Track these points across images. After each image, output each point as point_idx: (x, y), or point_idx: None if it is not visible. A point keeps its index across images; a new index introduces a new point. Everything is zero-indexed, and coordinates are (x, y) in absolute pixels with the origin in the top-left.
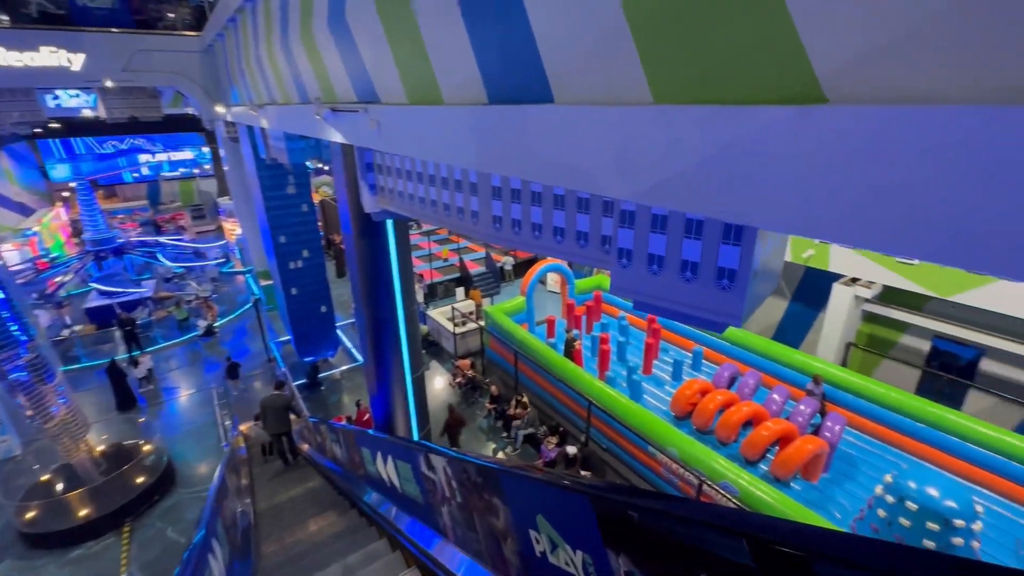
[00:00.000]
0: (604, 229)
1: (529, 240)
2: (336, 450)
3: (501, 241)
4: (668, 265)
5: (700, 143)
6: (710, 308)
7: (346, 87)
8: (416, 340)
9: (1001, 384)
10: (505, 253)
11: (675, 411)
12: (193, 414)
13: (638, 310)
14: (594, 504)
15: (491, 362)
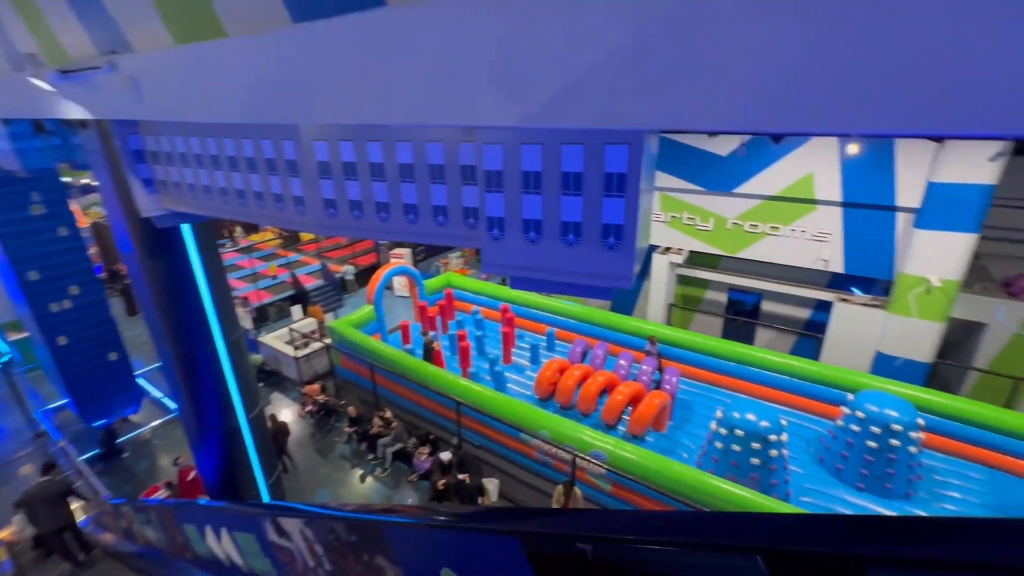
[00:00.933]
0: (466, 199)
1: (374, 225)
2: (150, 534)
3: (338, 231)
4: (547, 230)
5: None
6: (597, 272)
7: (77, 35)
8: (247, 373)
9: (777, 319)
10: (344, 262)
11: (539, 394)
12: None
13: (516, 288)
14: (523, 542)
15: (344, 382)
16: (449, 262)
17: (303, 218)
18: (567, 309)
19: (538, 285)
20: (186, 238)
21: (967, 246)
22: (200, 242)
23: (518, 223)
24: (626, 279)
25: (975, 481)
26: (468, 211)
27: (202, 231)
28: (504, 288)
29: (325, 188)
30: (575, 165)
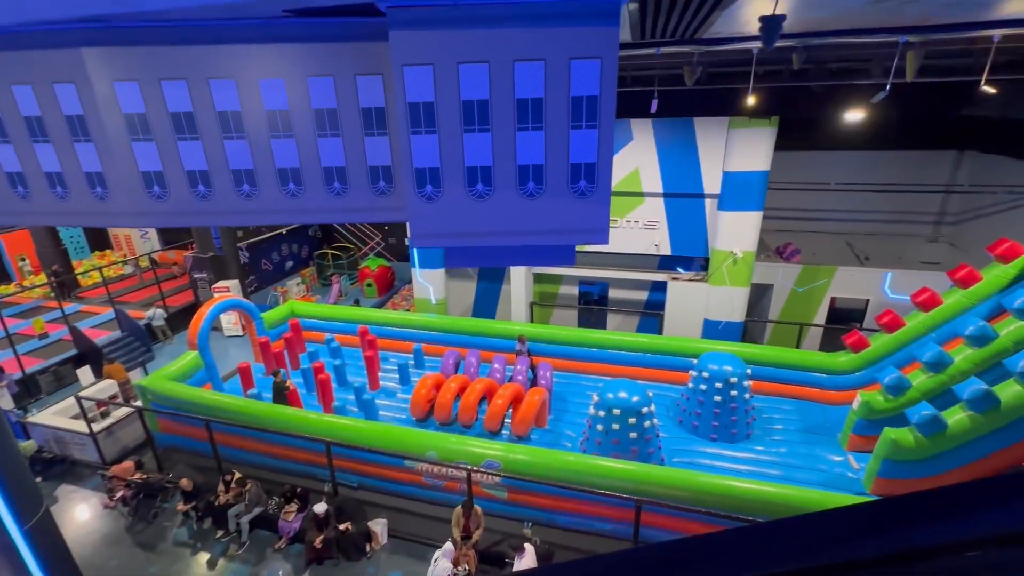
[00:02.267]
0: (373, 156)
1: (232, 205)
2: None
3: (170, 219)
4: (499, 179)
5: None
6: (564, 227)
7: None
8: (13, 463)
9: (622, 304)
10: (150, 305)
11: (415, 415)
12: None
13: (452, 265)
14: None
15: (169, 450)
16: (288, 290)
17: (106, 206)
18: (431, 322)
19: (484, 257)
20: None
21: (756, 222)
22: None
23: (459, 174)
24: (601, 231)
25: (788, 412)
26: (378, 172)
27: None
28: (359, 310)
29: (142, 155)
30: (533, 89)
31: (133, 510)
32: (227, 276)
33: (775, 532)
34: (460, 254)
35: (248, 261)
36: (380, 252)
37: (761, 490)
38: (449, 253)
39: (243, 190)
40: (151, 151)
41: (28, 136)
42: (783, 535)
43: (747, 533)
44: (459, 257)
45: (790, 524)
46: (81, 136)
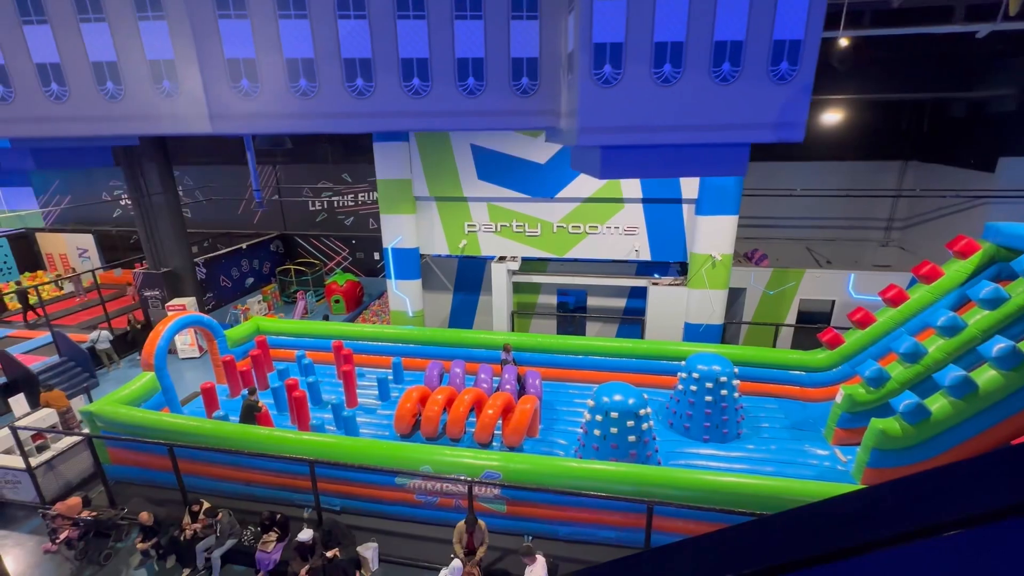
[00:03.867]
0: (519, 45)
1: (343, 104)
2: None
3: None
4: (691, 58)
5: None
6: (756, 120)
7: None
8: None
9: (601, 311)
10: (93, 327)
11: (400, 430)
12: None
13: (608, 175)
14: None
15: (122, 483)
16: (249, 308)
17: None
18: (409, 335)
19: (648, 163)
20: None
21: (733, 225)
22: None
23: (645, 50)
24: (796, 125)
25: (772, 411)
26: (521, 65)
27: None
28: (331, 324)
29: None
30: None
31: (81, 553)
32: (182, 293)
33: (819, 514)
34: (621, 158)
35: (205, 277)
36: (347, 267)
37: (772, 485)
38: (608, 157)
39: (355, 85)
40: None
41: None
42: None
43: (790, 518)
44: (618, 162)
45: (825, 507)
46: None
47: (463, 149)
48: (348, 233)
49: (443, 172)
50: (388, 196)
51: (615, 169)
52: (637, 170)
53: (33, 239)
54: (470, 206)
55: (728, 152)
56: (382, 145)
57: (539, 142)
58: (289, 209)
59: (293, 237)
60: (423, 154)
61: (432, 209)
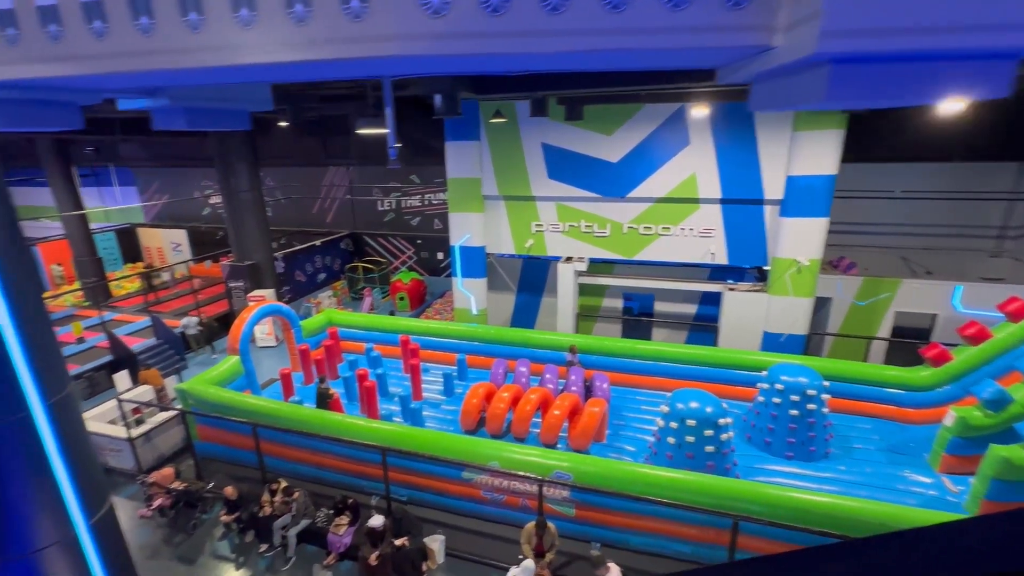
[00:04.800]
0: None
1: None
2: None
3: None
4: None
5: None
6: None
7: None
8: (84, 451)
9: (669, 317)
10: (185, 313)
11: (465, 425)
12: None
13: (833, 99)
14: None
15: (207, 459)
16: (321, 302)
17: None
18: (474, 332)
19: (896, 77)
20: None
21: (823, 229)
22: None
23: None
24: None
25: (866, 431)
26: None
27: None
28: (398, 319)
29: None
30: None
31: (172, 520)
32: (263, 285)
33: None
34: (853, 76)
35: (283, 271)
36: (412, 266)
37: (879, 511)
38: (838, 76)
39: (549, 1)
40: None
41: None
42: None
43: None
44: (850, 82)
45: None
46: None
47: (534, 148)
48: (413, 233)
49: (513, 171)
50: (458, 195)
51: (844, 90)
52: (869, 92)
53: (135, 234)
54: (538, 205)
55: (992, 66)
56: (454, 144)
57: (611, 141)
58: (360, 209)
59: (362, 236)
60: (494, 153)
61: (500, 208)
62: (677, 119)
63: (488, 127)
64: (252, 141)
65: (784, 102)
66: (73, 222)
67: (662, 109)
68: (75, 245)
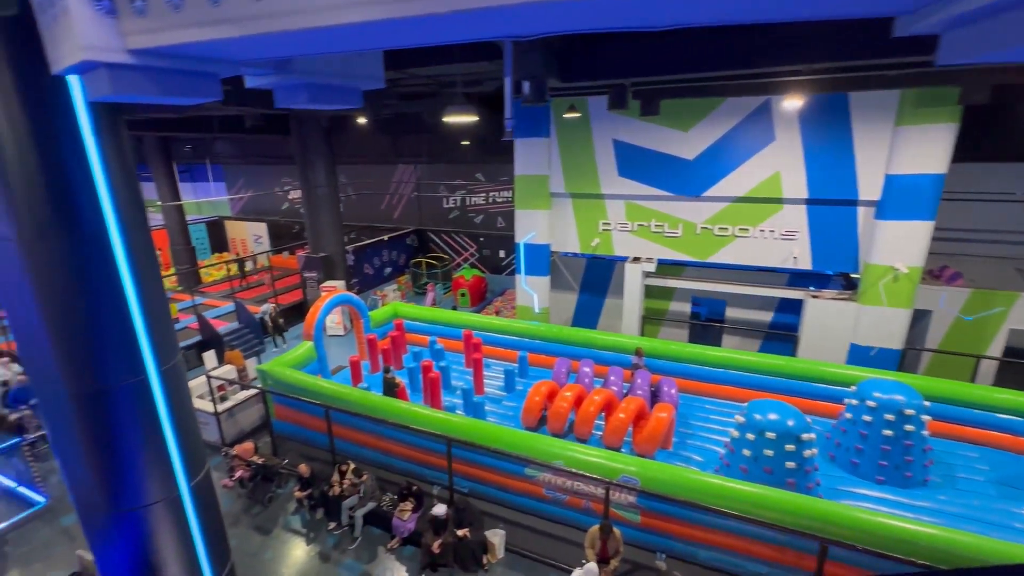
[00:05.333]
0: None
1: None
2: None
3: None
4: None
5: None
6: None
7: None
8: (189, 417)
9: (742, 324)
10: (263, 301)
11: (526, 422)
12: None
13: None
14: None
15: (281, 437)
16: (387, 294)
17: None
18: (537, 330)
19: None
20: (103, 204)
21: (926, 233)
22: (123, 213)
23: None
24: None
25: (972, 459)
26: None
27: (125, 191)
28: (461, 314)
29: None
30: None
31: (250, 492)
32: (334, 276)
33: None
34: None
35: (352, 264)
36: (474, 263)
37: (993, 547)
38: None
39: None
40: None
41: None
42: None
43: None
44: None
45: None
46: None
47: (605, 144)
48: (477, 231)
49: (582, 168)
50: (525, 192)
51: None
52: None
53: (222, 225)
54: (607, 204)
55: None
56: (523, 141)
57: (688, 137)
58: (425, 206)
59: (426, 232)
60: (563, 150)
61: (567, 206)
62: (762, 113)
63: (559, 124)
64: (330, 140)
65: (996, 45)
66: (172, 214)
67: (746, 102)
68: (172, 234)
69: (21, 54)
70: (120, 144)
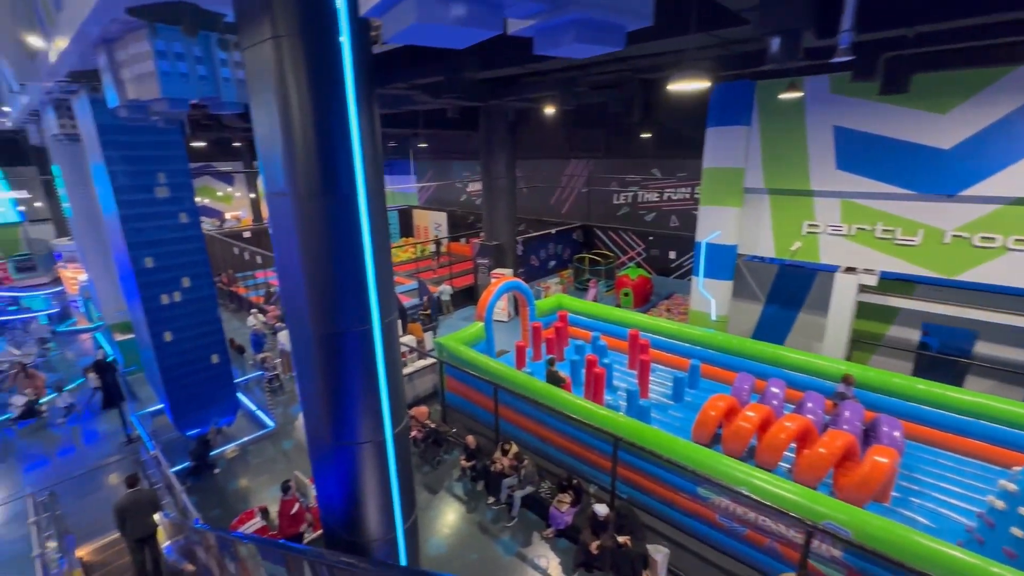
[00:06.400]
0: None
1: None
2: (232, 570)
3: None
4: None
5: None
6: None
7: None
8: (397, 370)
9: (1001, 363)
10: (439, 283)
11: (698, 437)
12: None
13: None
14: None
15: (450, 408)
16: (549, 287)
17: None
18: (713, 339)
19: None
20: (357, 174)
21: None
22: (369, 181)
23: None
24: None
25: None
26: None
27: (372, 161)
28: (628, 313)
29: None
30: None
31: (421, 453)
32: (503, 265)
33: None
34: None
35: (521, 255)
36: (640, 263)
37: None
38: None
39: None
40: None
41: None
42: None
43: None
44: None
45: None
46: None
47: (822, 132)
48: (646, 229)
49: (789, 160)
50: (713, 186)
51: None
52: None
53: (410, 213)
54: (815, 202)
55: None
56: (717, 131)
57: (945, 121)
58: (595, 201)
59: (593, 228)
60: (766, 140)
61: (763, 204)
62: None
63: (763, 110)
64: (513, 134)
65: None
66: None
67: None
68: None
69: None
70: (372, 117)
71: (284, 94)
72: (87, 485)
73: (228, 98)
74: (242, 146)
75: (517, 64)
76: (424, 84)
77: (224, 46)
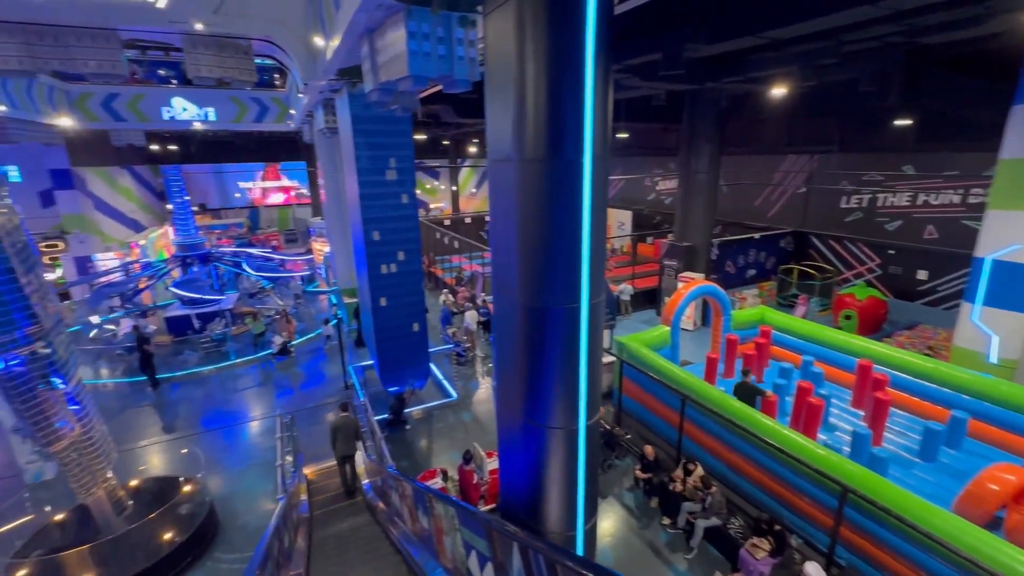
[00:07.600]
0: None
1: None
2: (424, 523)
3: None
4: None
5: None
6: None
7: None
8: (598, 356)
9: None
10: (619, 282)
11: (968, 511)
12: (252, 447)
13: None
14: None
15: (623, 412)
16: (746, 298)
17: None
18: (987, 387)
19: None
20: (585, 137)
21: None
22: (596, 148)
23: None
24: None
25: None
26: None
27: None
28: (855, 338)
29: None
30: None
31: None
32: (694, 268)
33: None
34: None
35: (716, 259)
36: (872, 281)
37: None
38: None
39: None
40: None
41: None
42: None
43: None
44: None
45: None
46: None
47: None
48: (887, 240)
49: None
50: (1013, 183)
51: None
52: None
53: None
54: None
55: None
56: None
57: None
58: (815, 204)
59: (808, 235)
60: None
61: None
62: None
63: None
64: (722, 123)
65: None
66: None
67: None
68: None
69: None
70: (607, 80)
71: (521, 53)
72: (316, 416)
73: (460, 75)
74: (449, 144)
75: (751, 34)
76: (637, 64)
77: (463, 23)
